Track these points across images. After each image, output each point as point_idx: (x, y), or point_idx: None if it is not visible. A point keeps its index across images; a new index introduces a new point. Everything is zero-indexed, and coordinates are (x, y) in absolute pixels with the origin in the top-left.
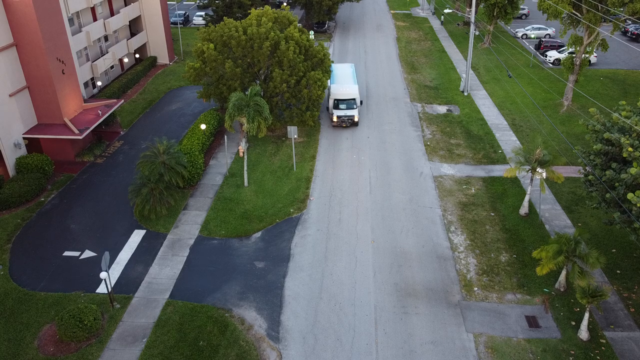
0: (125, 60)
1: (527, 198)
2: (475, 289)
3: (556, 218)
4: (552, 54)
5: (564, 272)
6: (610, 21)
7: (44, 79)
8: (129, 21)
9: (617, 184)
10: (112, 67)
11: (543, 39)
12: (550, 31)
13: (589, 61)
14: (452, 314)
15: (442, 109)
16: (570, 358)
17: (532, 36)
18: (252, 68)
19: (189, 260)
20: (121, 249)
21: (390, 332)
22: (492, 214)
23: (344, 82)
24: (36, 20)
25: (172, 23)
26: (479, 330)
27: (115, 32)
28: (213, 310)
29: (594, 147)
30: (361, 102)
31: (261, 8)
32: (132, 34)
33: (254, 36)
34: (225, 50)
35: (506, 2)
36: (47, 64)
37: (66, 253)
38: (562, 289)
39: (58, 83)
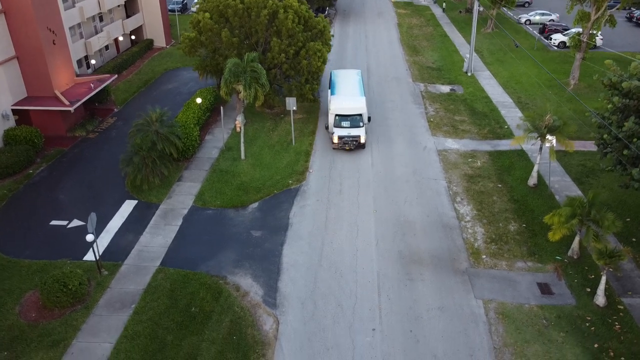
0: (121, 38)
1: (535, 168)
2: (484, 256)
3: (566, 189)
4: (557, 37)
5: (577, 239)
6: None
7: (34, 48)
8: (125, 2)
9: (635, 139)
10: (107, 48)
11: (547, 23)
12: (554, 16)
13: (595, 44)
14: (460, 281)
15: (445, 89)
16: (587, 324)
17: (537, 18)
18: (250, 39)
19: (182, 229)
20: (111, 219)
21: (394, 299)
22: (500, 186)
23: (347, 93)
24: None
25: (169, 10)
26: (488, 296)
27: (110, 11)
28: (206, 278)
29: (612, 100)
30: (369, 119)
31: None
32: (129, 17)
33: (252, 4)
34: (222, 20)
35: None
36: (37, 33)
37: (53, 222)
38: (575, 256)
39: (49, 54)
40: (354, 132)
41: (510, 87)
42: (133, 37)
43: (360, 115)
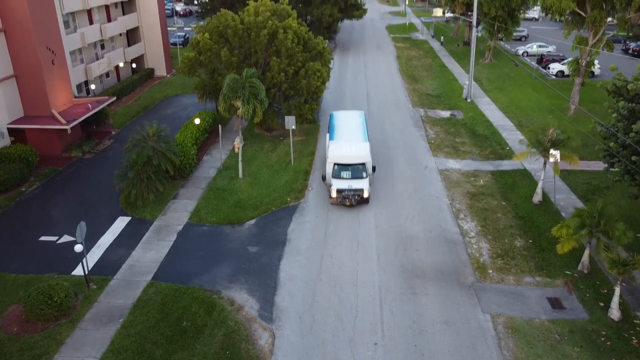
0: (121, 64)
1: (540, 184)
2: (490, 271)
3: (572, 206)
4: (555, 66)
5: (586, 252)
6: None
7: (33, 67)
8: (127, 32)
9: None
10: (107, 75)
11: (544, 54)
12: (551, 48)
13: (592, 72)
14: (466, 295)
15: (445, 114)
16: (602, 338)
17: (534, 50)
18: (249, 59)
19: (175, 245)
20: (102, 234)
21: (397, 312)
22: (504, 203)
23: (348, 138)
24: (27, 5)
25: (172, 44)
26: (496, 311)
27: (112, 39)
28: (199, 292)
29: (618, 105)
30: (374, 169)
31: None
32: (130, 45)
33: (251, 25)
34: (222, 40)
35: (506, 16)
36: (37, 52)
37: (43, 238)
38: (585, 271)
39: (47, 73)
40: (355, 184)
41: (511, 112)
42: (134, 65)
43: (364, 164)
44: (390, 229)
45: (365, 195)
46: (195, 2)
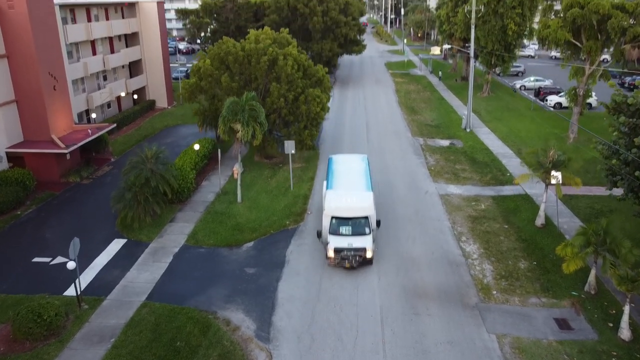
0: (123, 94)
1: (542, 207)
2: (494, 292)
3: (576, 229)
4: (553, 98)
5: (592, 273)
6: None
7: (34, 92)
8: (130, 64)
9: None
10: (109, 105)
11: (542, 86)
12: (547, 82)
13: (590, 104)
14: (470, 315)
15: (444, 142)
16: (613, 359)
17: (531, 84)
18: (250, 85)
19: (171, 266)
20: (97, 256)
21: (399, 332)
22: (506, 226)
23: (349, 186)
24: (30, 32)
25: (174, 78)
26: (502, 331)
27: (114, 70)
28: (194, 312)
29: (619, 121)
30: (378, 223)
31: (260, 25)
32: (132, 77)
33: (252, 52)
34: (223, 67)
35: (503, 50)
36: (39, 77)
37: (36, 259)
38: (592, 292)
39: (48, 98)
40: (357, 242)
41: (510, 141)
42: (135, 96)
43: (366, 218)
44: (390, 251)
45: (369, 255)
46: (198, 41)
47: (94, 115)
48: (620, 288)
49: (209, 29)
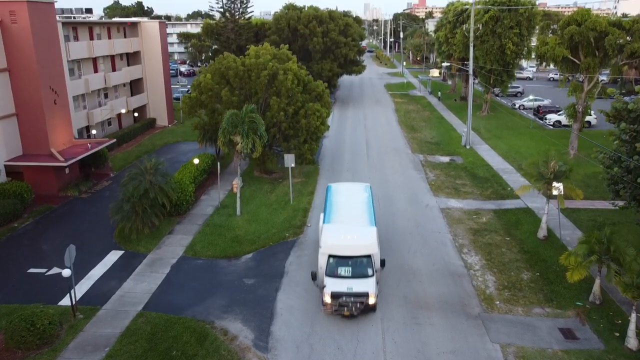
0: (123, 111)
1: (544, 219)
2: (497, 302)
3: (579, 241)
4: (552, 117)
5: (597, 282)
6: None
7: (35, 106)
8: (131, 82)
9: None
10: (109, 123)
11: (541, 105)
12: (546, 102)
13: (589, 122)
14: (473, 325)
15: (444, 159)
16: None
17: (530, 103)
18: (250, 99)
19: (168, 277)
20: (93, 267)
21: (400, 342)
22: (508, 239)
23: (349, 219)
24: (32, 46)
25: (175, 98)
26: (505, 340)
27: (115, 88)
28: (191, 322)
29: (620, 128)
30: (383, 263)
31: (260, 45)
32: (133, 95)
33: (252, 66)
34: (223, 81)
35: (501, 69)
36: (40, 91)
37: (31, 270)
38: (597, 302)
39: (48, 112)
40: (358, 286)
41: (510, 157)
42: (136, 114)
43: (369, 257)
44: (391, 262)
45: (371, 301)
46: (199, 64)
47: (94, 132)
48: (626, 295)
49: (210, 51)
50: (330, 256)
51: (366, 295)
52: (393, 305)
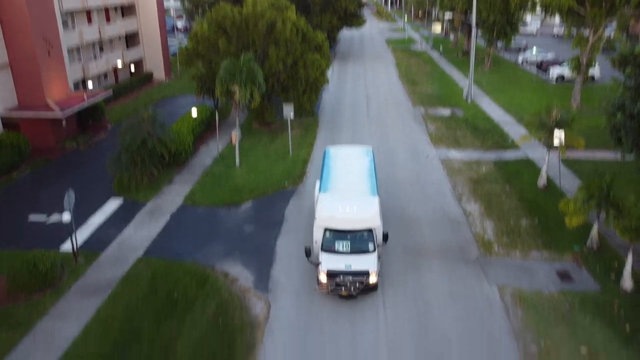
0: (119, 65)
1: (544, 168)
2: (496, 247)
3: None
4: (555, 70)
5: (595, 228)
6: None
7: (28, 56)
8: (127, 36)
9: None
10: (105, 76)
11: (544, 60)
12: (550, 55)
13: (593, 77)
14: (471, 269)
15: (445, 112)
16: (615, 308)
17: (533, 56)
18: (247, 49)
19: (168, 224)
20: (93, 214)
21: (399, 286)
22: (507, 188)
23: (349, 188)
24: None
25: (172, 54)
26: (503, 283)
27: (110, 41)
28: (192, 266)
29: (626, 72)
30: (386, 237)
31: None
32: (129, 48)
33: (249, 16)
34: (220, 31)
35: (505, 22)
36: (32, 41)
37: (32, 218)
38: (595, 247)
39: (43, 63)
40: (357, 263)
41: (512, 110)
42: (132, 69)
43: (370, 231)
44: (391, 211)
45: (372, 280)
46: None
47: (90, 85)
48: (623, 238)
49: (206, 4)
50: (326, 230)
51: (366, 273)
52: (392, 252)
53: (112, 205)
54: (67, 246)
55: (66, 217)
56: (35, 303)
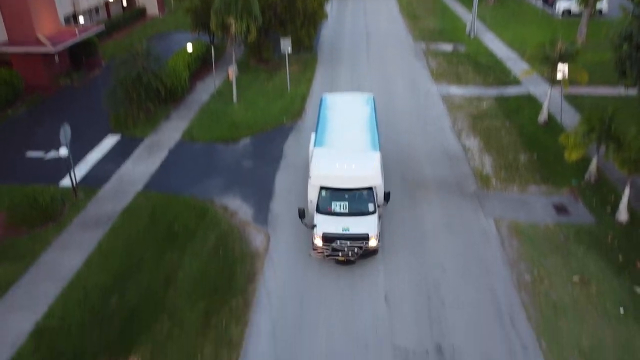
0: (111, 0)
1: (546, 103)
2: (493, 181)
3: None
4: (561, 4)
5: (594, 161)
6: None
7: None
8: None
9: None
10: (97, 11)
11: None
12: None
13: (600, 11)
14: (468, 202)
15: (447, 47)
16: (609, 239)
17: None
18: None
19: (167, 160)
20: (90, 151)
21: (396, 217)
22: (508, 124)
23: (347, 141)
24: None
25: None
26: (499, 215)
27: None
28: (191, 200)
29: (633, 1)
30: (387, 196)
31: None
32: None
33: None
34: None
35: None
36: None
37: (30, 154)
38: (592, 180)
39: None
40: (356, 226)
41: (515, 45)
42: (124, 2)
43: (371, 190)
44: (389, 146)
45: (372, 244)
46: None
47: (81, 20)
48: (622, 170)
49: None
50: (322, 188)
51: (366, 237)
52: (390, 184)
53: (110, 141)
54: (66, 182)
55: (63, 151)
56: (37, 236)
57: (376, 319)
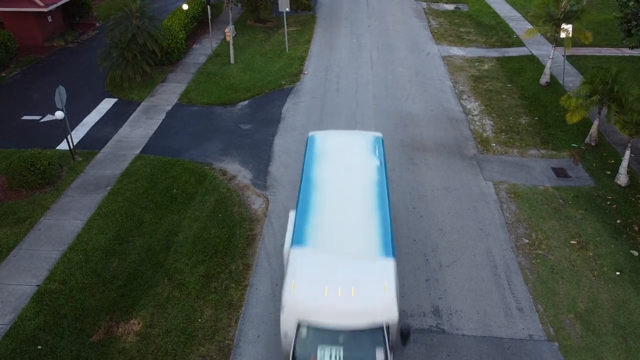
0: None
1: (548, 65)
2: (493, 144)
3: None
4: None
5: (595, 124)
6: None
7: None
8: None
9: None
10: None
11: None
12: None
13: None
14: (468, 165)
15: (449, 7)
16: (607, 202)
17: None
18: None
19: (164, 123)
20: (87, 114)
21: (395, 179)
22: (509, 85)
23: (344, 229)
24: None
25: None
26: (498, 178)
27: None
28: (190, 164)
29: None
30: (407, 335)
31: None
32: None
33: None
34: None
35: None
36: None
37: (25, 117)
38: (593, 143)
39: None
40: None
41: (519, 5)
42: None
43: (380, 329)
44: (389, 108)
45: None
46: None
47: None
48: (623, 133)
49: None
50: (301, 325)
51: None
52: (390, 148)
53: (106, 104)
54: (63, 145)
55: (59, 114)
56: (37, 199)
57: None
